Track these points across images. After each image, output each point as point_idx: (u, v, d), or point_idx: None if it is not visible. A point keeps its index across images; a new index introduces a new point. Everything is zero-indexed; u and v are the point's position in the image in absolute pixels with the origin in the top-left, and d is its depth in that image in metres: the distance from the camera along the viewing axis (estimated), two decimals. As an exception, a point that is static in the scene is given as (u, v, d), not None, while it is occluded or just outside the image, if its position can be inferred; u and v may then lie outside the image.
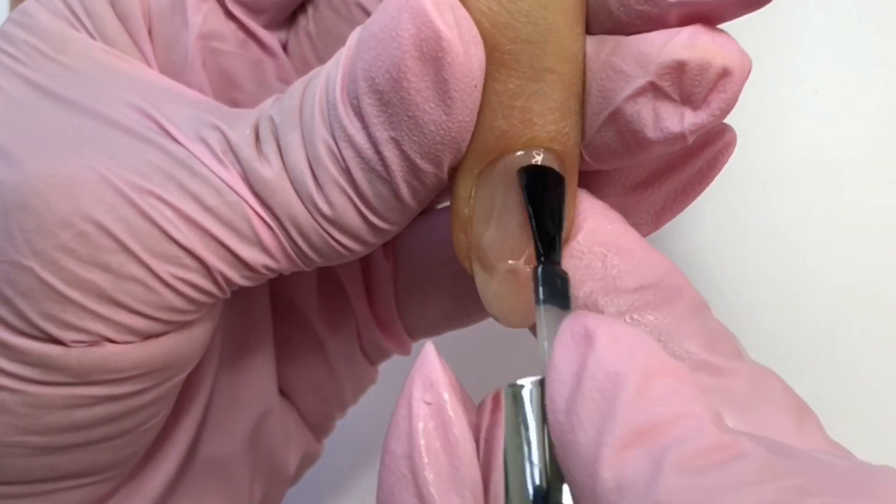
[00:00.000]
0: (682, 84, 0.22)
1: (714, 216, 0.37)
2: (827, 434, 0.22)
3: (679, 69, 0.22)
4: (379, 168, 0.22)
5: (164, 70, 0.26)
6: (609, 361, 0.18)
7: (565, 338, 0.19)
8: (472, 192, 0.23)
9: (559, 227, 0.22)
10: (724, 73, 0.22)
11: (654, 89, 0.22)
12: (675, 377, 0.18)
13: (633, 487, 0.17)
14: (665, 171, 0.25)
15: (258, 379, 0.30)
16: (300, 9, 0.28)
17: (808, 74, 0.38)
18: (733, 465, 0.17)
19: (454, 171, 0.23)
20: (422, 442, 0.20)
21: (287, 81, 0.28)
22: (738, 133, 0.38)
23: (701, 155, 0.25)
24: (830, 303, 0.37)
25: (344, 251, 0.24)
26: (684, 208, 0.26)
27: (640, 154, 0.23)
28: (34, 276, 0.22)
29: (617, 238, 0.23)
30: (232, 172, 0.23)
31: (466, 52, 0.21)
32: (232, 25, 0.27)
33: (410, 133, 0.22)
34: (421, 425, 0.20)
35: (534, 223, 0.22)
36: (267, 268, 0.24)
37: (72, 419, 0.23)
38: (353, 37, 0.22)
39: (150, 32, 0.26)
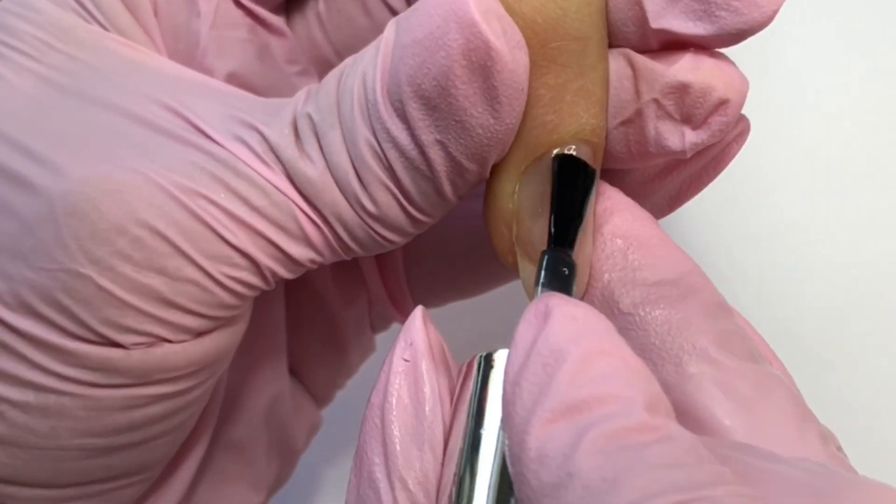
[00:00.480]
0: (684, 104, 0.23)
1: (714, 216, 0.38)
2: (831, 447, 0.22)
3: (682, 90, 0.23)
4: (423, 168, 0.23)
5: (171, 59, 0.26)
6: (556, 339, 0.19)
7: (529, 315, 0.19)
8: (517, 188, 0.23)
9: (580, 217, 0.23)
10: (723, 101, 0.23)
11: (657, 107, 0.23)
12: (620, 361, 0.19)
13: (551, 459, 0.18)
14: (681, 161, 0.26)
15: (271, 357, 0.30)
16: None
17: (808, 74, 0.38)
18: (652, 448, 0.17)
19: (492, 169, 0.24)
20: (394, 395, 0.21)
21: (296, 62, 0.29)
22: (737, 133, 0.38)
23: (716, 145, 0.26)
24: (830, 303, 0.37)
25: (386, 243, 0.24)
26: (697, 193, 0.27)
27: (640, 163, 0.25)
28: (92, 284, 0.22)
29: (641, 233, 0.24)
30: (276, 173, 0.23)
31: (514, 58, 0.22)
32: (240, 12, 0.27)
33: (457, 136, 0.22)
34: (396, 380, 0.21)
35: (555, 208, 0.23)
36: (312, 261, 0.24)
37: (130, 419, 0.24)
38: (390, 31, 0.23)
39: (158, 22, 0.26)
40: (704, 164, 0.26)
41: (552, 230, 0.23)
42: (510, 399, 0.19)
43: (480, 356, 0.22)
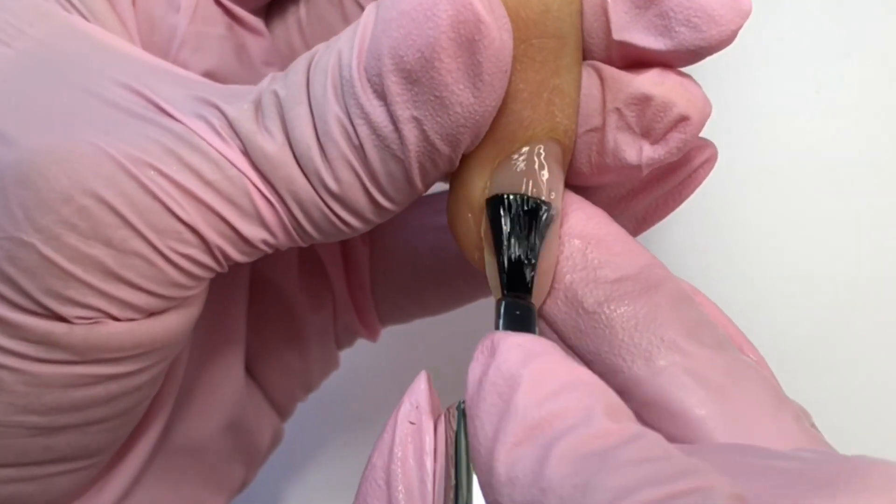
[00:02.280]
0: (645, 117, 0.23)
1: (714, 216, 0.38)
2: (807, 426, 0.22)
3: (645, 102, 0.23)
4: (395, 146, 0.22)
5: (146, 50, 0.26)
6: (506, 366, 0.19)
7: (477, 353, 0.20)
8: (488, 183, 0.23)
9: (534, 260, 0.23)
10: (683, 118, 0.23)
11: (619, 117, 0.23)
12: (571, 375, 0.19)
13: (521, 479, 0.18)
14: (648, 184, 0.26)
15: (230, 354, 0.30)
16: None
17: (808, 74, 0.38)
18: (619, 449, 0.17)
19: (463, 160, 0.23)
20: (399, 458, 0.22)
21: (272, 64, 0.28)
22: (738, 133, 0.38)
23: (682, 169, 0.26)
24: (830, 302, 0.37)
25: (344, 227, 0.24)
26: (664, 217, 0.27)
27: (598, 178, 0.24)
28: (36, 253, 0.22)
29: (597, 231, 0.24)
30: (232, 147, 0.23)
31: (501, 37, 0.21)
32: (219, 10, 0.27)
33: (434, 114, 0.22)
34: (402, 443, 0.22)
35: (500, 254, 0.23)
36: (265, 243, 0.24)
37: (71, 399, 0.23)
38: (370, 14, 0.22)
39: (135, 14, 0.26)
40: (671, 189, 0.26)
41: (501, 278, 0.23)
42: (473, 432, 0.19)
43: (458, 404, 0.22)
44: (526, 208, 0.23)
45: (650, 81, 0.23)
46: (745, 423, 0.21)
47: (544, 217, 0.23)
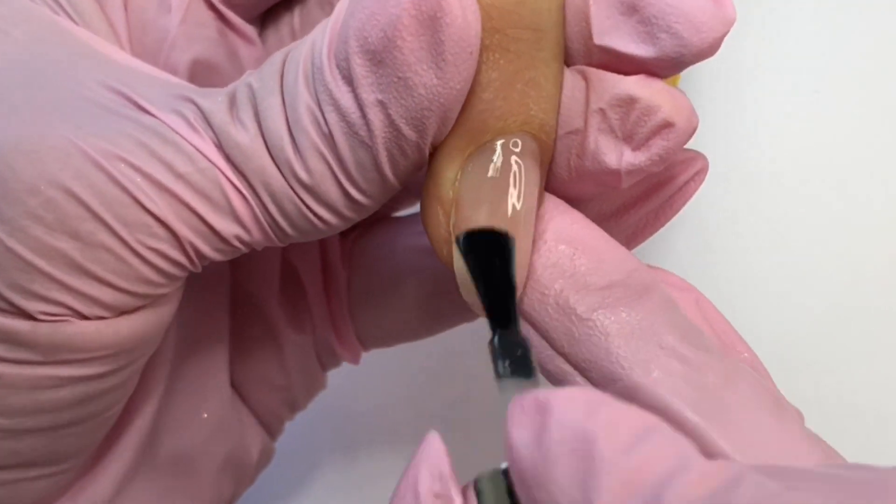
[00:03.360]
0: (628, 121, 0.22)
1: (714, 216, 0.37)
2: (807, 430, 0.22)
3: (630, 104, 0.22)
4: (363, 132, 0.22)
5: (136, 53, 0.26)
6: (572, 421, 0.18)
7: (515, 414, 0.18)
8: (459, 175, 0.23)
9: (511, 292, 0.22)
10: (667, 124, 0.22)
11: (602, 118, 0.23)
12: (640, 420, 0.18)
13: None
14: (638, 198, 0.26)
15: (216, 371, 0.29)
16: (285, 7, 0.28)
17: (808, 74, 0.38)
18: (731, 493, 0.16)
19: (434, 153, 0.23)
20: None
21: None
22: (737, 133, 0.38)
23: (672, 183, 0.26)
24: (830, 303, 0.37)
25: (319, 223, 0.23)
26: (654, 232, 0.26)
27: (576, 183, 0.24)
28: (1, 245, 0.22)
29: (583, 236, 0.23)
30: (204, 139, 0.22)
31: (465, 16, 0.21)
32: (211, 14, 0.27)
33: (399, 96, 0.21)
34: None
35: (483, 293, 0.22)
36: (239, 239, 0.23)
37: (38, 401, 0.23)
38: (342, 4, 0.22)
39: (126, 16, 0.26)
40: (661, 203, 0.26)
41: (491, 315, 0.22)
42: (546, 501, 0.17)
43: (476, 478, 0.20)
44: (494, 243, 0.22)
45: (637, 84, 0.22)
46: (747, 429, 0.21)
47: (506, 239, 0.22)
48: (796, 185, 0.37)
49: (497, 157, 0.23)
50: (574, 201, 0.25)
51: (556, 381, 0.23)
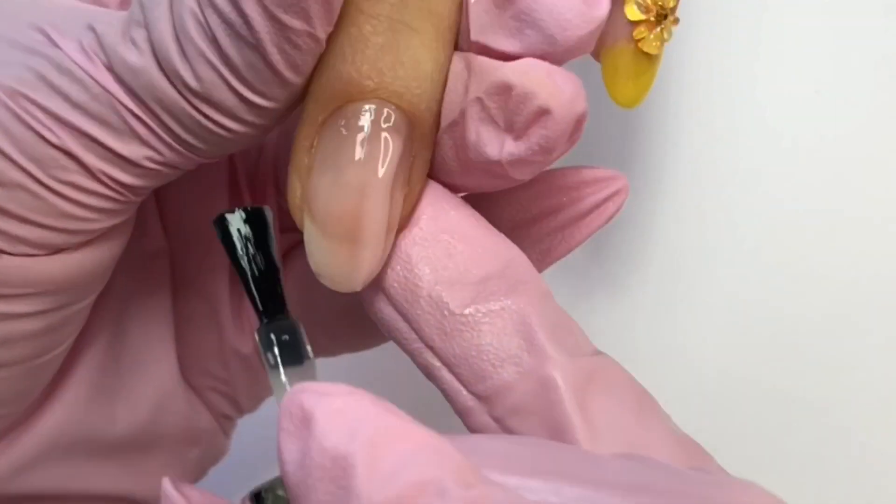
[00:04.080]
0: (507, 109, 0.22)
1: (714, 215, 0.37)
2: (672, 425, 0.22)
3: (506, 92, 0.22)
4: (244, 32, 0.21)
5: None
6: (332, 445, 0.17)
7: (284, 423, 0.17)
8: (315, 142, 0.22)
9: (275, 276, 0.22)
10: (543, 111, 0.21)
11: (481, 107, 0.22)
12: (408, 441, 0.17)
13: None
14: (548, 210, 0.26)
15: (160, 346, 0.29)
16: None
17: (808, 74, 0.38)
18: None
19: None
20: None
21: None
22: (738, 132, 0.38)
23: (585, 200, 0.25)
24: (830, 302, 0.37)
25: (223, 132, 0.23)
26: (569, 250, 0.26)
27: (466, 176, 0.23)
28: None
29: (460, 225, 0.23)
30: (96, 63, 0.22)
31: None
32: None
33: None
34: None
35: (249, 279, 0.22)
36: (153, 160, 0.23)
37: None
38: None
39: None
40: (574, 219, 0.25)
41: (255, 301, 0.22)
42: None
43: (253, 493, 0.20)
44: (249, 221, 0.22)
45: (514, 70, 0.22)
46: (610, 427, 0.21)
47: (270, 220, 0.22)
48: (796, 184, 0.37)
49: (349, 124, 0.22)
50: (479, 196, 0.24)
51: (425, 373, 0.23)
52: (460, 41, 0.23)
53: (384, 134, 0.22)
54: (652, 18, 0.24)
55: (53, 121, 0.22)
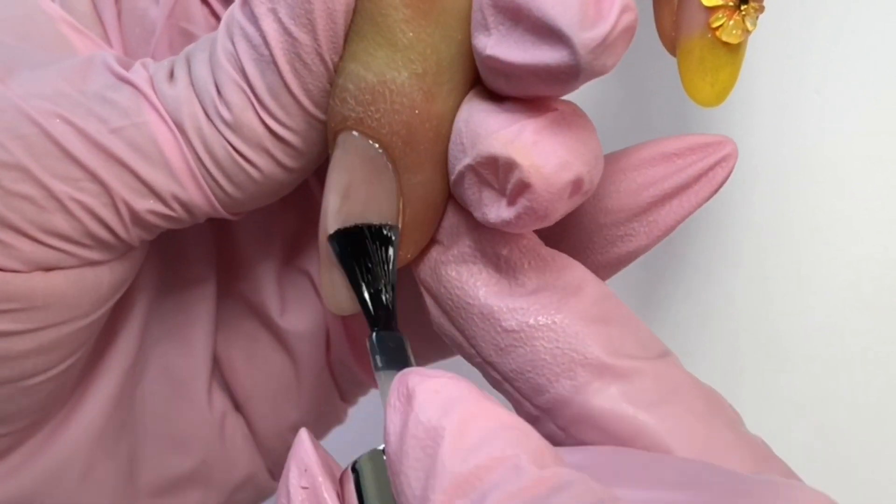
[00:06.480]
0: (497, 178, 0.22)
1: (714, 215, 0.37)
2: (741, 428, 0.22)
3: (493, 163, 0.21)
4: (263, 50, 0.22)
5: (128, 42, 0.26)
6: (427, 417, 0.19)
7: (392, 399, 0.19)
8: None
9: (391, 288, 0.22)
10: (524, 184, 0.21)
11: (475, 174, 0.22)
12: (494, 422, 0.18)
13: None
14: (653, 180, 0.25)
15: (197, 382, 0.29)
16: None
17: (808, 74, 0.38)
18: (551, 499, 0.17)
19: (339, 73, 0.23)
20: None
21: None
22: (737, 132, 0.38)
23: (691, 166, 0.25)
24: (831, 302, 0.37)
25: (251, 168, 0.23)
26: (679, 222, 0.25)
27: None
28: None
29: (509, 237, 0.23)
30: (142, 96, 0.23)
31: None
32: (205, 10, 0.27)
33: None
34: None
35: (364, 292, 0.22)
36: (176, 198, 0.23)
37: None
38: None
39: (117, 3, 0.26)
40: (682, 188, 0.25)
41: (367, 312, 0.22)
42: (399, 489, 0.19)
43: (355, 461, 0.21)
44: (371, 238, 0.22)
45: (500, 141, 0.21)
46: (678, 435, 0.21)
47: (392, 238, 0.22)
48: (796, 184, 0.37)
49: (342, 152, 0.23)
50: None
51: (492, 385, 0.23)
52: (481, 70, 0.23)
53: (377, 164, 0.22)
54: (731, 3, 0.23)
55: (87, 143, 0.22)
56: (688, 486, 0.18)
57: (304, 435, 0.22)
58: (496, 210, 0.22)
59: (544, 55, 0.20)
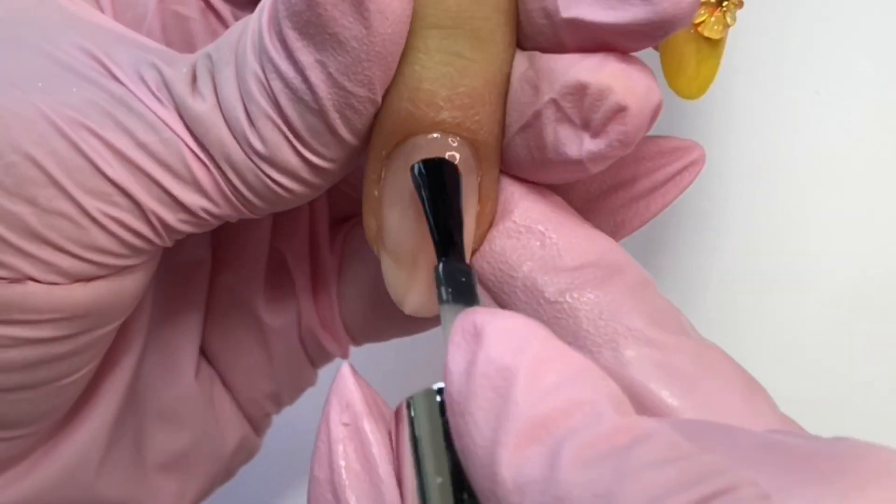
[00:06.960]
0: (583, 108, 0.21)
1: (714, 216, 0.37)
2: (779, 410, 0.21)
3: (580, 91, 0.21)
4: (307, 97, 0.22)
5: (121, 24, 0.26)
6: (498, 356, 0.17)
7: (457, 337, 0.18)
8: (383, 174, 0.23)
9: (458, 222, 0.22)
10: (621, 108, 0.21)
11: (556, 109, 0.22)
12: (570, 364, 0.17)
13: (532, 486, 0.16)
14: (623, 181, 0.25)
15: (183, 353, 0.29)
16: None
17: (808, 74, 0.38)
18: (634, 449, 0.16)
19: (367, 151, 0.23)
20: (342, 465, 0.20)
21: None
22: (737, 132, 0.38)
23: (662, 170, 0.25)
24: (830, 302, 0.37)
25: (283, 192, 0.23)
26: (644, 222, 0.26)
27: (544, 173, 0.23)
28: None
29: (555, 215, 0.23)
30: (168, 108, 0.23)
31: None
32: None
33: (334, 53, 0.21)
34: (340, 448, 0.20)
35: (431, 220, 0.22)
36: (207, 211, 0.23)
37: None
38: None
39: None
40: (650, 191, 0.25)
41: (436, 243, 0.22)
42: (465, 432, 0.17)
43: (409, 399, 0.20)
44: (436, 168, 0.22)
45: (587, 68, 0.21)
46: (718, 411, 0.20)
47: (455, 172, 0.22)
48: (796, 184, 0.37)
49: (411, 158, 0.22)
50: (562, 187, 0.24)
51: None
52: (531, 30, 0.23)
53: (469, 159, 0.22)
54: (712, 0, 0.23)
55: (115, 156, 0.22)
56: (768, 449, 0.17)
57: (346, 370, 0.21)
58: (577, 145, 0.22)
59: (635, 12, 0.21)
